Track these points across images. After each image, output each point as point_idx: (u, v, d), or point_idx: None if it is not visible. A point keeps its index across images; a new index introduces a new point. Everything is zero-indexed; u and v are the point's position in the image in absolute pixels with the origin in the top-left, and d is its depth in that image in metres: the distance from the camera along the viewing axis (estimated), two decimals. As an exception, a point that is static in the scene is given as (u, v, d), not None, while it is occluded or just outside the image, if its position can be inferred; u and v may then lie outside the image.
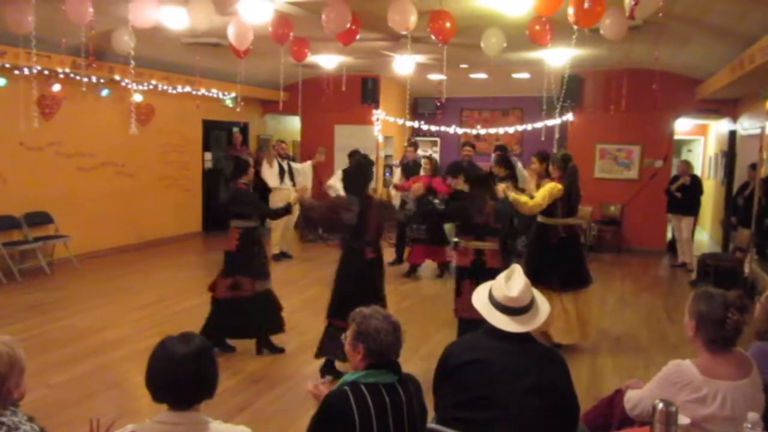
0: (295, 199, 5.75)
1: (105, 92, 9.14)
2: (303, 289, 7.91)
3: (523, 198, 5.61)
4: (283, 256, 9.64)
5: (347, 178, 5.14)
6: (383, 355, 2.37)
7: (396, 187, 9.28)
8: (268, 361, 5.31)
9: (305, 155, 12.67)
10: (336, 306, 4.77)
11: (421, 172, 8.82)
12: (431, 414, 2.58)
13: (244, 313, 5.31)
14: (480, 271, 4.91)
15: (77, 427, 3.82)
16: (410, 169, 9.24)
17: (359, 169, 5.01)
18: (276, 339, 5.86)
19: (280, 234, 9.60)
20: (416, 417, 2.39)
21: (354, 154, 8.68)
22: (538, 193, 5.69)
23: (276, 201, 9.12)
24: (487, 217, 5.10)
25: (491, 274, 5.06)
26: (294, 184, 9.50)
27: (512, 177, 7.75)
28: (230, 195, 5.50)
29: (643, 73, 9.20)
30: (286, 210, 5.72)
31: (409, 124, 12.33)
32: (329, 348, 4.75)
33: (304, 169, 10.01)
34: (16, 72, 7.60)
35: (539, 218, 5.81)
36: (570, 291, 5.73)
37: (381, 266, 4.97)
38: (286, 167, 9.76)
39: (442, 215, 6.53)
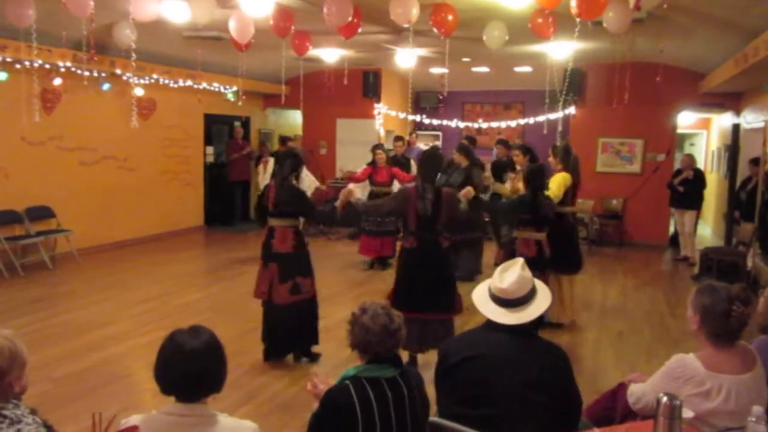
0: (343, 200, 5.43)
1: (106, 86, 9.11)
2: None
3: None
4: None
5: (421, 168, 5.07)
6: (365, 350, 2.38)
7: (351, 177, 8.99)
8: (270, 355, 5.32)
9: (307, 149, 12.66)
10: (404, 297, 4.68)
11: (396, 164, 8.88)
12: (433, 407, 2.57)
13: (304, 318, 5.07)
14: (544, 261, 5.41)
15: (80, 420, 3.82)
16: (399, 163, 9.16)
17: (433, 159, 5.04)
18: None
19: None
20: (418, 410, 2.39)
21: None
22: (553, 186, 5.94)
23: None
24: (547, 209, 5.46)
25: (549, 264, 5.53)
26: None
27: (479, 165, 8.13)
28: (289, 193, 5.00)
29: (646, 67, 9.17)
30: (333, 211, 5.36)
31: (410, 118, 12.31)
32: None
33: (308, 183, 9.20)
34: (18, 66, 7.59)
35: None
36: (563, 275, 6.11)
37: (448, 257, 5.07)
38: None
39: (510, 210, 5.89)
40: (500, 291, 2.48)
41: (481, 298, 2.55)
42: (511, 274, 2.51)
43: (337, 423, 2.27)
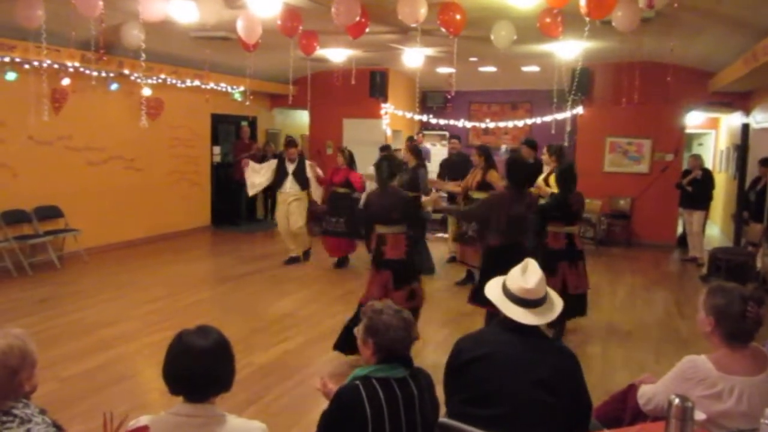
0: (431, 203, 5.50)
1: (114, 86, 9.13)
2: (310, 282, 7.92)
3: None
4: (297, 260, 9.05)
5: (511, 173, 5.14)
6: (392, 350, 2.36)
7: (319, 179, 8.80)
8: (277, 355, 5.32)
9: (313, 149, 12.67)
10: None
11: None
12: (443, 408, 2.56)
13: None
14: (576, 253, 5.73)
15: (89, 419, 3.83)
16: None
17: (519, 164, 5.18)
18: (284, 333, 5.89)
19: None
20: (428, 411, 2.38)
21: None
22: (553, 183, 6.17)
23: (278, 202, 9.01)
24: (578, 207, 5.65)
25: (581, 255, 5.76)
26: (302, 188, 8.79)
27: (423, 166, 8.45)
28: (395, 199, 5.00)
29: (654, 66, 9.12)
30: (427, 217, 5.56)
31: (417, 117, 12.30)
32: None
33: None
34: (26, 66, 7.62)
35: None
36: None
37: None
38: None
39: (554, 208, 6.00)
40: (525, 291, 2.46)
41: (498, 298, 2.53)
42: (533, 273, 2.50)
43: (347, 422, 2.27)
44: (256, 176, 8.80)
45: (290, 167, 8.69)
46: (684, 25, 7.09)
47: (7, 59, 7.34)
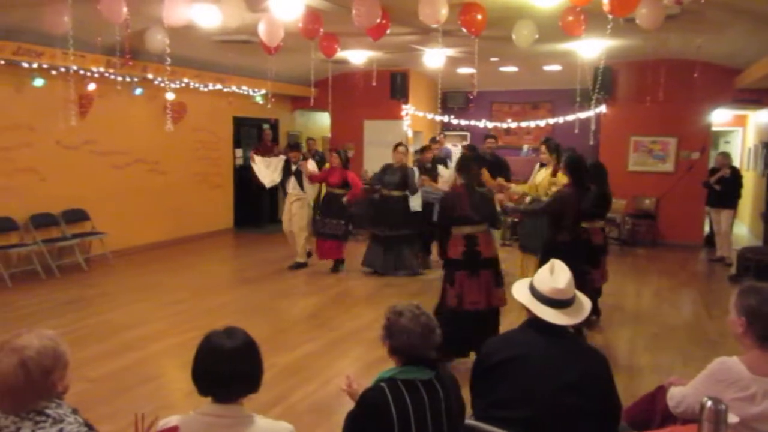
0: (499, 202, 5.50)
1: (138, 91, 9.26)
2: (332, 284, 7.94)
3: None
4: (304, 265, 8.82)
5: (573, 172, 5.20)
6: (408, 354, 2.35)
7: (311, 177, 8.60)
8: (301, 356, 5.34)
9: (334, 150, 12.69)
10: None
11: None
12: (468, 410, 2.54)
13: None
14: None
15: (118, 419, 3.88)
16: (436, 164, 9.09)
17: (580, 164, 5.24)
18: (307, 334, 5.91)
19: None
20: (454, 413, 2.36)
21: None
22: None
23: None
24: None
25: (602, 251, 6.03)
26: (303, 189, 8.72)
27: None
28: (485, 198, 5.01)
29: (679, 63, 9.00)
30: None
31: (438, 118, 12.27)
32: None
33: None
34: (54, 72, 7.76)
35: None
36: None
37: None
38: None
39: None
40: (556, 291, 2.44)
41: (528, 300, 2.51)
42: (563, 273, 2.48)
43: (372, 424, 2.26)
44: (268, 170, 8.76)
45: (293, 168, 8.67)
46: (710, 21, 6.98)
47: (35, 65, 7.48)
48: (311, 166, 8.70)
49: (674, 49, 8.61)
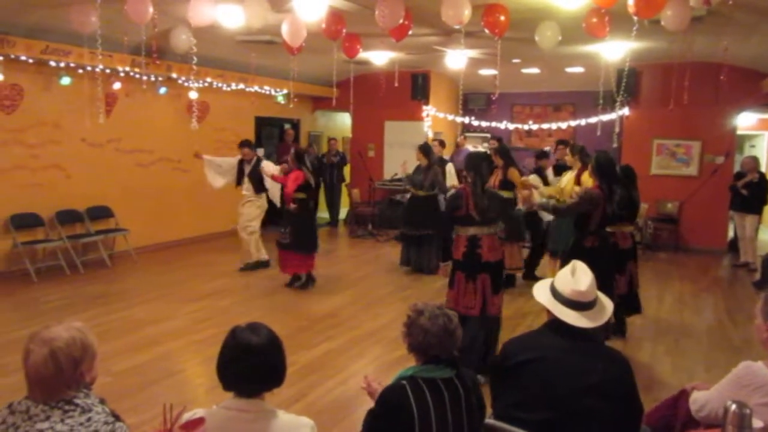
0: (523, 201, 5.49)
1: (162, 90, 9.38)
2: (351, 284, 7.96)
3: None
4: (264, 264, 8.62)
5: (601, 172, 5.15)
6: (425, 353, 2.36)
7: (274, 177, 8.06)
8: (321, 354, 5.37)
9: (355, 151, 12.75)
10: None
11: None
12: (488, 410, 2.54)
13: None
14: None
15: (141, 412, 3.95)
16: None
17: (609, 164, 5.20)
18: (327, 333, 5.94)
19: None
20: (474, 412, 2.36)
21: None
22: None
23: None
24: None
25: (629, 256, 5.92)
26: (256, 192, 8.44)
27: (437, 164, 8.55)
28: (496, 199, 4.92)
29: (704, 66, 8.88)
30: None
31: (459, 119, 12.25)
32: None
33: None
34: (80, 71, 7.90)
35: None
36: None
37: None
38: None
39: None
40: (578, 294, 2.42)
41: (549, 302, 2.49)
42: (584, 275, 2.46)
43: (393, 422, 2.27)
44: (218, 173, 8.43)
45: (246, 169, 8.35)
46: (736, 23, 6.88)
47: (62, 64, 7.62)
48: (272, 168, 8.21)
49: (699, 52, 8.48)
